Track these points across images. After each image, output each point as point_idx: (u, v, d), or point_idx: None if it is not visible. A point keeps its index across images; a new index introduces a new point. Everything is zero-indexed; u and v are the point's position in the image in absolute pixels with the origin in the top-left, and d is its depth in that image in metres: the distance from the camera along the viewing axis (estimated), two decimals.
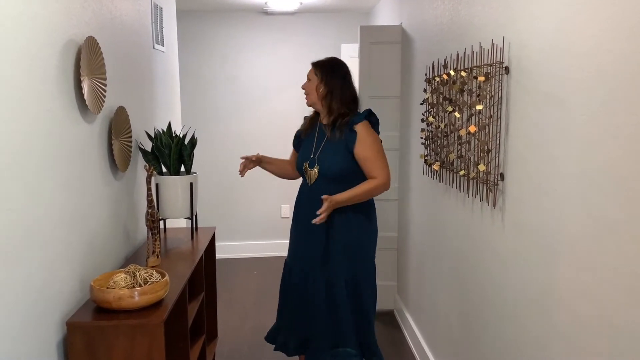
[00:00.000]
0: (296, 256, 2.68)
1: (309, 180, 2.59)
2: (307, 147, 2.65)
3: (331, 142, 2.54)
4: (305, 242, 2.61)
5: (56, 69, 1.85)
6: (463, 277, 2.45)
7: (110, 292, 1.89)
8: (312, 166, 2.58)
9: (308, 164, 2.60)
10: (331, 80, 2.55)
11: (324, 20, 5.38)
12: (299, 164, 2.67)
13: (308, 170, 2.59)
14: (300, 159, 2.68)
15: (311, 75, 2.60)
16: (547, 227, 1.65)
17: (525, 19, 1.78)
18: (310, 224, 2.44)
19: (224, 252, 5.37)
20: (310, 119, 2.74)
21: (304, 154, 2.66)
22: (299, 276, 2.64)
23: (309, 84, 2.60)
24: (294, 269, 2.67)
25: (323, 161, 2.54)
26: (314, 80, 2.58)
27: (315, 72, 2.59)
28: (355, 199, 2.47)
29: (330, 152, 2.53)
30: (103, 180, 2.31)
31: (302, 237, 2.64)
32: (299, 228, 2.65)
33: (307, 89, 2.61)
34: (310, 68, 2.64)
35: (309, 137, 2.68)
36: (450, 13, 2.60)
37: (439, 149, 2.68)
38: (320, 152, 2.57)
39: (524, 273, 1.81)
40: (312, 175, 2.57)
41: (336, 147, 2.52)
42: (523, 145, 1.81)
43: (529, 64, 1.75)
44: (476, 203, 2.22)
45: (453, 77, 2.39)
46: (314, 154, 2.59)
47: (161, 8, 3.42)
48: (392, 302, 4.02)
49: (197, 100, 5.37)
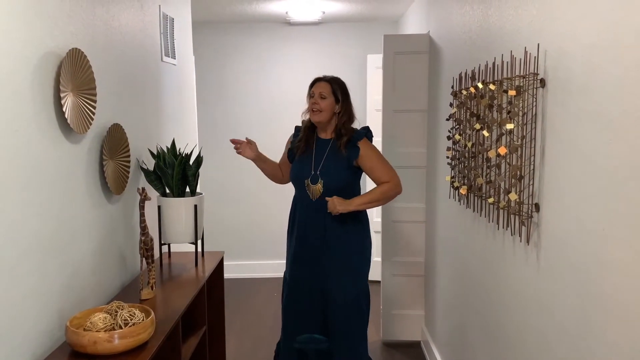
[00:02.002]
0: (296, 271, 2.66)
1: (312, 196, 2.59)
2: (305, 163, 2.64)
3: (332, 157, 2.59)
4: (307, 257, 2.62)
5: (29, 85, 1.66)
6: (494, 317, 2.15)
7: (85, 335, 1.67)
8: (314, 182, 2.59)
9: (310, 180, 2.59)
10: (347, 100, 2.62)
11: (349, 30, 5.14)
12: (297, 179, 2.66)
13: (310, 186, 2.60)
14: (297, 174, 2.66)
15: (327, 93, 2.58)
16: (590, 272, 1.36)
17: (565, 22, 1.49)
18: (312, 238, 2.56)
19: (242, 272, 5.18)
20: (306, 134, 2.68)
21: (302, 170, 2.64)
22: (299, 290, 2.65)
23: (327, 103, 2.58)
24: (294, 283, 2.67)
25: (327, 177, 2.57)
26: (330, 99, 2.58)
27: (334, 90, 2.59)
28: (373, 203, 2.57)
29: (333, 167, 2.58)
30: (92, 205, 2.11)
31: (304, 252, 2.63)
32: (300, 243, 2.64)
33: (324, 107, 2.57)
34: (319, 83, 2.60)
35: (304, 153, 2.67)
36: (480, 19, 2.32)
37: (465, 171, 2.39)
38: (322, 168, 2.59)
39: (563, 323, 1.51)
40: (315, 191, 2.59)
41: (338, 162, 2.58)
42: (562, 173, 1.52)
43: (569, 76, 1.46)
44: (507, 237, 1.92)
45: (481, 91, 2.10)
46: (314, 170, 2.60)
47: (172, 19, 3.25)
48: (419, 333, 3.71)
49: (216, 115, 5.20)
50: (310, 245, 2.61)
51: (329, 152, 2.61)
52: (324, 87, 2.58)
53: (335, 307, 2.59)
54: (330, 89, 2.58)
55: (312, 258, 2.61)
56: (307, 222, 2.61)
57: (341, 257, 2.59)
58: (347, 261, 2.60)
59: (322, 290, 2.61)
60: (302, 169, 2.64)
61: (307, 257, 2.62)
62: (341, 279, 2.59)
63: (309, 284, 2.62)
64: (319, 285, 2.60)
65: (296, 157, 2.70)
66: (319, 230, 2.57)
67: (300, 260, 2.65)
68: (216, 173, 5.23)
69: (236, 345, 3.72)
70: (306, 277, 2.63)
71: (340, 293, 2.58)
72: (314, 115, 2.59)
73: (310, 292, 2.62)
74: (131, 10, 2.58)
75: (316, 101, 2.57)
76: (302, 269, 2.65)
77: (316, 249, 2.59)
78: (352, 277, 2.61)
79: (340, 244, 2.58)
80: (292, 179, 2.71)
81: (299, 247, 2.65)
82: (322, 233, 2.58)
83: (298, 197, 2.68)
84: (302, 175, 2.63)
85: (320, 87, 2.59)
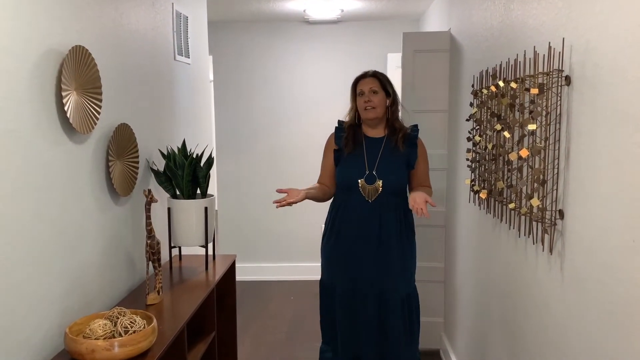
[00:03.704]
0: (344, 274, 2.54)
1: (368, 197, 2.48)
2: (356, 162, 2.53)
3: (389, 155, 2.51)
4: (359, 259, 2.50)
5: (28, 83, 1.61)
6: (515, 328, 2.03)
7: (83, 343, 1.61)
8: (371, 182, 2.48)
9: (365, 181, 2.47)
10: (396, 94, 2.56)
11: (369, 28, 5.04)
12: (348, 180, 2.53)
13: (366, 186, 2.48)
14: (349, 175, 2.53)
15: (378, 88, 2.51)
16: (618, 286, 1.24)
17: (594, 14, 1.37)
18: (366, 240, 2.46)
19: (257, 274, 5.12)
20: (353, 133, 2.57)
21: (354, 171, 2.52)
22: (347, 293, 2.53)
23: (379, 98, 2.50)
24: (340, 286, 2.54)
25: (387, 175, 2.48)
26: (381, 93, 2.51)
27: (384, 85, 2.52)
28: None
29: (391, 166, 2.50)
30: (97, 207, 2.06)
31: (353, 255, 2.52)
32: (352, 246, 2.52)
33: (377, 103, 2.50)
34: (366, 79, 2.53)
35: (353, 153, 2.55)
36: (502, 14, 2.20)
37: (486, 174, 2.27)
38: (379, 166, 2.49)
39: (587, 337, 1.40)
40: (372, 191, 2.48)
41: (396, 161, 2.51)
42: (588, 177, 1.40)
43: (598, 73, 1.35)
44: (529, 245, 1.80)
45: (502, 90, 1.98)
46: (370, 170, 2.49)
47: (186, 17, 3.19)
48: (438, 340, 3.58)
49: (235, 115, 5.14)
50: (364, 249, 2.49)
51: (385, 150, 2.51)
52: (373, 83, 2.50)
53: (393, 308, 2.49)
54: (379, 83, 2.51)
55: (367, 261, 2.49)
56: (361, 225, 2.48)
57: (397, 257, 2.50)
58: (402, 261, 2.52)
59: (379, 292, 2.49)
60: (354, 170, 2.51)
61: (361, 260, 2.50)
62: (397, 279, 2.51)
63: (363, 290, 2.50)
64: (374, 289, 2.49)
65: (343, 158, 2.57)
66: (374, 232, 2.47)
67: (353, 265, 2.51)
68: (233, 173, 5.18)
69: (249, 351, 3.64)
70: (361, 282, 2.50)
71: (396, 293, 2.49)
72: (369, 112, 2.49)
73: (364, 298, 2.50)
74: (142, 7, 2.53)
75: (369, 98, 2.48)
76: (355, 274, 2.51)
77: (371, 252, 2.48)
78: (407, 277, 2.56)
79: (396, 245, 2.49)
80: (341, 180, 2.56)
81: (350, 252, 2.51)
82: (377, 234, 2.47)
83: (346, 201, 2.54)
84: (355, 176, 2.50)
85: (369, 83, 2.50)
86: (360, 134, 2.57)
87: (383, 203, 2.48)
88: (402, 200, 2.53)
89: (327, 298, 2.62)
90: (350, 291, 2.52)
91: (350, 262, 2.52)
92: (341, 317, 2.55)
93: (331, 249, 2.59)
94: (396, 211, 2.50)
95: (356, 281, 2.51)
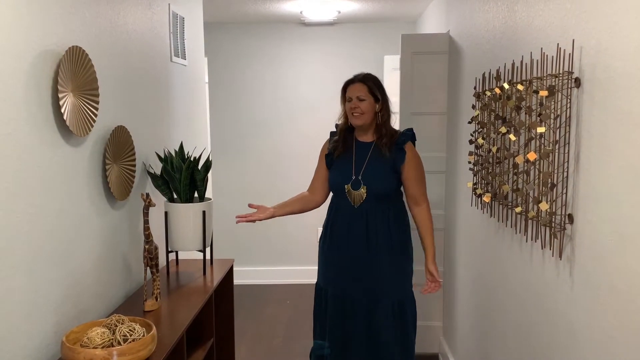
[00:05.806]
0: (335, 279, 2.51)
1: (354, 202, 2.45)
2: (344, 167, 2.49)
3: (375, 161, 2.45)
4: (349, 264, 2.47)
5: (23, 85, 1.56)
6: (518, 335, 2.00)
7: (80, 352, 1.57)
8: (356, 187, 2.44)
9: (351, 186, 2.44)
10: (385, 96, 2.48)
11: (365, 30, 5.01)
12: (336, 185, 2.51)
13: (352, 192, 2.45)
14: (337, 180, 2.50)
15: (365, 95, 2.43)
16: (630, 293, 1.21)
17: (606, 15, 1.35)
18: (354, 246, 2.42)
19: (253, 278, 5.07)
20: (343, 137, 2.52)
21: (341, 176, 2.49)
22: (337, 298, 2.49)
23: (367, 104, 2.42)
24: (332, 291, 2.51)
25: (371, 182, 2.43)
26: (369, 99, 2.43)
27: (372, 90, 2.44)
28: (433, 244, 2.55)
29: (377, 172, 2.44)
30: (94, 211, 2.01)
31: (343, 260, 2.48)
32: (342, 251, 2.48)
33: (365, 109, 2.42)
34: (354, 85, 2.45)
35: (343, 157, 2.51)
36: (505, 15, 2.18)
37: (490, 177, 2.25)
38: (364, 172, 2.44)
39: (596, 346, 1.37)
40: (357, 197, 2.44)
41: (382, 166, 2.44)
42: (599, 181, 1.37)
43: (609, 75, 1.32)
44: (536, 249, 1.78)
45: (507, 92, 1.96)
46: (356, 175, 2.45)
47: (182, 18, 3.15)
48: (437, 345, 3.55)
49: (229, 117, 5.10)
50: (352, 254, 2.45)
51: (372, 155, 2.46)
52: (361, 89, 2.42)
53: (384, 315, 2.44)
54: (367, 89, 2.43)
55: (356, 266, 2.45)
56: (349, 230, 2.45)
57: (387, 263, 2.44)
58: (393, 266, 2.46)
59: (368, 299, 2.44)
60: (342, 175, 2.48)
61: (350, 266, 2.46)
62: (387, 285, 2.46)
63: (353, 295, 2.46)
64: (364, 295, 2.44)
65: (334, 162, 2.53)
66: (361, 238, 2.42)
67: (343, 269, 2.48)
68: (228, 176, 5.13)
69: (247, 355, 3.59)
70: (350, 288, 2.46)
71: (387, 299, 2.45)
72: (356, 119, 2.42)
73: (353, 303, 2.46)
74: (138, 8, 2.48)
75: (356, 105, 2.41)
76: (345, 278, 2.47)
77: (359, 258, 2.44)
78: (399, 283, 2.49)
79: (385, 250, 2.44)
80: (331, 185, 2.55)
81: (337, 254, 2.49)
82: (364, 239, 2.43)
83: (337, 204, 2.52)
84: (342, 181, 2.47)
85: (356, 90, 2.42)
86: (351, 138, 2.53)
87: (369, 208, 2.43)
88: (391, 206, 2.46)
89: (321, 301, 2.59)
90: (340, 296, 2.48)
91: (340, 267, 2.49)
92: (331, 324, 2.50)
93: (324, 252, 2.56)
94: (383, 216, 2.44)
95: (346, 286, 2.47)
